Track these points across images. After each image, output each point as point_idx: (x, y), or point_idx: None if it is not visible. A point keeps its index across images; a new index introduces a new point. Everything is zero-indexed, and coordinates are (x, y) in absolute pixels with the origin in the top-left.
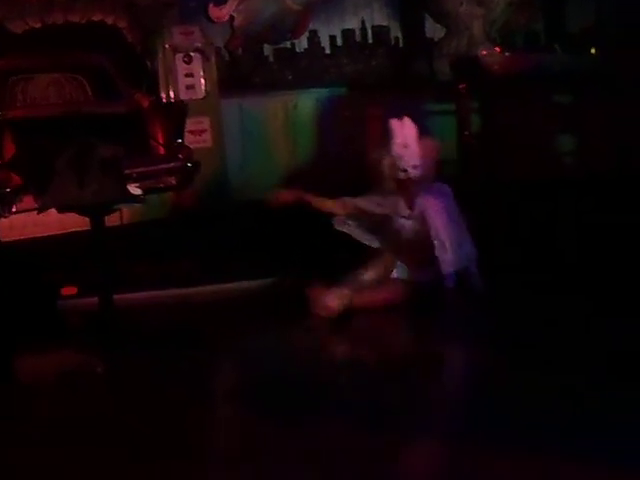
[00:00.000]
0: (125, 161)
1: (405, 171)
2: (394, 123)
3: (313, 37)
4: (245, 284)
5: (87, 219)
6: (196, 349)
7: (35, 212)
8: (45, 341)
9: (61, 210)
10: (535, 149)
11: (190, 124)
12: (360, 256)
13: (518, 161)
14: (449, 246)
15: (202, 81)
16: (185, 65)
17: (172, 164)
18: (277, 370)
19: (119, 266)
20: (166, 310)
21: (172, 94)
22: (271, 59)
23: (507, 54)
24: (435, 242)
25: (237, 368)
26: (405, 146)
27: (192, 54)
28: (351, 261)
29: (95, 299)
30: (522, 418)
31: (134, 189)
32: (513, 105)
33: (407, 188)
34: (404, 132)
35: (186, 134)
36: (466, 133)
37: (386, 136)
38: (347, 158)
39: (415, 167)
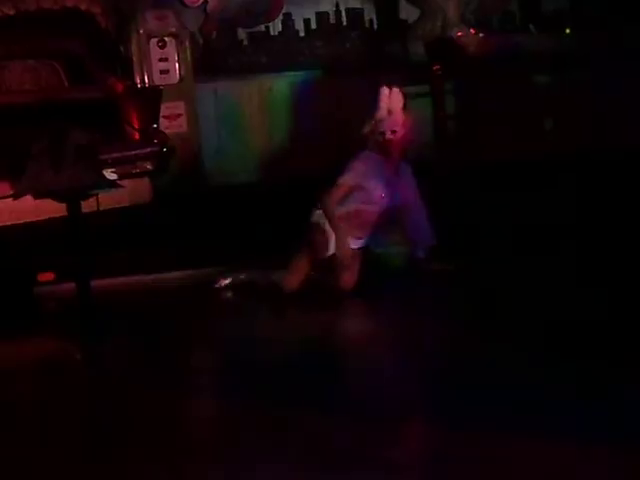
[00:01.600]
0: (100, 147)
1: (383, 134)
2: (384, 90)
3: (287, 20)
4: (221, 269)
5: (63, 205)
6: (173, 335)
7: (11, 199)
8: (21, 327)
9: (37, 196)
10: (511, 130)
11: (165, 109)
12: None
13: (494, 142)
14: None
15: (176, 66)
16: (159, 50)
17: (147, 149)
18: (254, 355)
19: (96, 252)
20: (143, 296)
21: (147, 79)
22: (245, 43)
23: (482, 35)
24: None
25: (214, 353)
26: (389, 112)
27: (166, 39)
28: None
29: (72, 285)
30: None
31: (110, 175)
32: (488, 86)
33: (387, 151)
34: (391, 99)
35: (161, 119)
36: (441, 114)
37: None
38: (322, 141)
39: (394, 133)
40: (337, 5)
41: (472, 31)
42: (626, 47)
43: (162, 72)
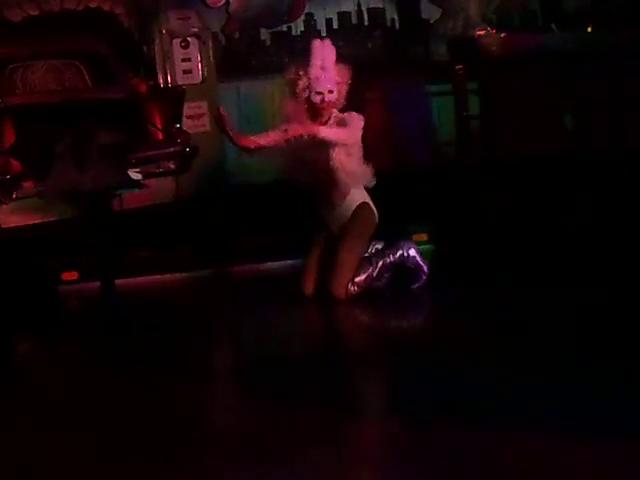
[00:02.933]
0: (124, 146)
1: (320, 94)
2: (315, 43)
3: (309, 20)
4: (246, 267)
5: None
6: (197, 334)
7: (36, 198)
8: (46, 326)
9: (62, 196)
10: (534, 128)
11: (188, 109)
12: None
13: (517, 141)
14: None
15: (199, 66)
16: (182, 50)
17: (171, 149)
18: (275, 353)
19: (120, 251)
20: (167, 295)
21: (170, 79)
22: (268, 43)
23: (503, 34)
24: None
25: (237, 352)
26: (323, 68)
27: (189, 39)
28: None
29: (96, 284)
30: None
31: (134, 174)
32: (510, 85)
33: (320, 112)
34: (323, 54)
35: (184, 119)
36: (464, 114)
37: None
38: None
39: (331, 92)
40: (359, 5)
41: (493, 30)
42: None
43: (185, 72)
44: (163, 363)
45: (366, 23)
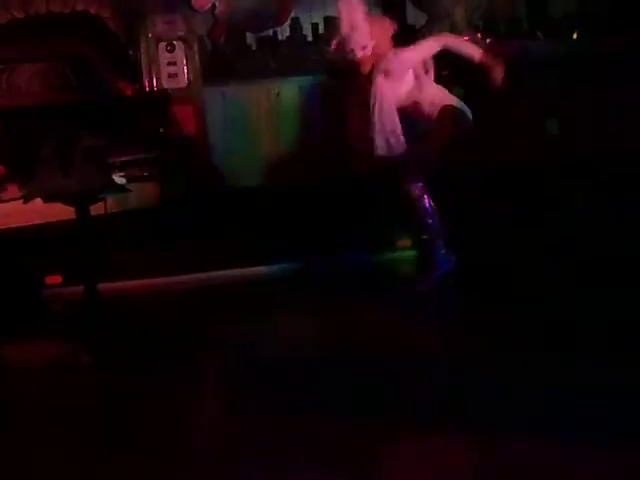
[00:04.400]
0: (109, 150)
1: (353, 51)
2: (340, 3)
3: (295, 25)
4: (230, 272)
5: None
6: (182, 338)
7: (20, 201)
8: (29, 329)
9: (46, 199)
10: (520, 135)
11: (173, 112)
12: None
13: (504, 147)
14: None
15: (185, 70)
16: (168, 54)
17: (156, 153)
18: (262, 360)
19: (104, 254)
20: (151, 299)
21: (155, 83)
22: (254, 47)
23: (489, 41)
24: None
25: (222, 358)
26: (352, 26)
27: (175, 43)
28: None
29: (80, 288)
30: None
31: (119, 178)
32: (497, 92)
33: (359, 70)
34: (349, 12)
35: (169, 122)
36: None
37: None
38: (330, 145)
39: (364, 48)
40: None
41: (479, 36)
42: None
43: (170, 76)
44: (147, 368)
45: None
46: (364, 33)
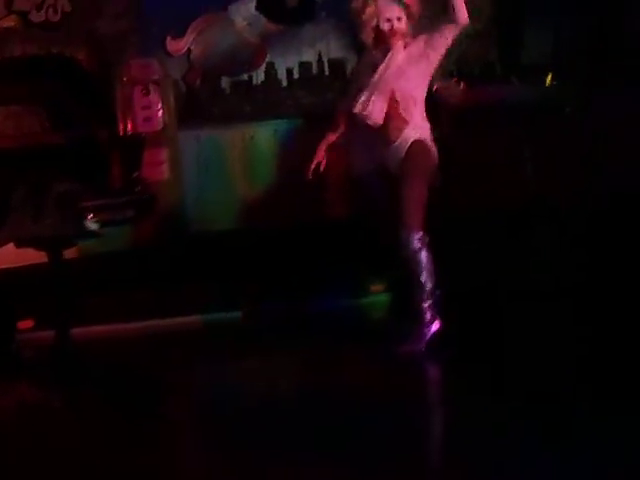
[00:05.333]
0: (82, 194)
1: (389, 21)
2: None
3: (270, 69)
4: (202, 317)
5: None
6: (153, 383)
7: None
8: (1, 375)
9: (18, 245)
10: (493, 180)
11: (147, 156)
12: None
13: (476, 192)
14: None
15: (160, 113)
16: (143, 97)
17: (129, 197)
18: (232, 404)
19: (77, 299)
20: (124, 343)
21: (130, 126)
22: (228, 91)
23: (463, 86)
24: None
25: (193, 402)
26: None
27: (150, 86)
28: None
29: (52, 332)
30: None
31: (91, 223)
32: (469, 137)
33: (388, 42)
34: None
35: (143, 166)
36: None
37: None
38: (303, 190)
39: (399, 19)
40: (320, 55)
41: (454, 81)
42: (607, 96)
43: (145, 119)
44: (119, 413)
45: (327, 73)
46: (399, 5)
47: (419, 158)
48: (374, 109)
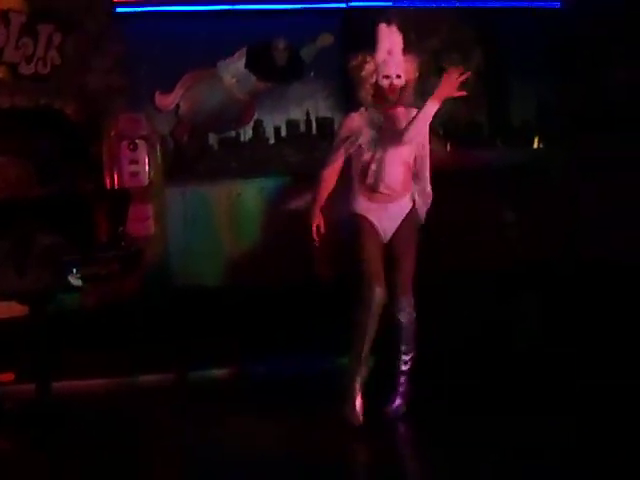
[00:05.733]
0: (66, 248)
1: (388, 78)
2: (382, 27)
3: (258, 127)
4: (186, 374)
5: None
6: (133, 439)
7: None
8: None
9: (1, 298)
10: (478, 241)
11: (133, 211)
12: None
13: (459, 255)
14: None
15: (146, 168)
16: (130, 152)
17: (114, 252)
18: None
19: (58, 354)
20: (106, 399)
21: (116, 180)
22: (216, 148)
23: (448, 149)
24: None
25: (174, 461)
26: (390, 53)
27: (137, 141)
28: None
29: (33, 386)
30: None
31: (74, 279)
32: (454, 198)
33: (387, 100)
34: (391, 38)
35: (129, 221)
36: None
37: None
38: (289, 248)
39: (399, 77)
40: (308, 114)
41: (440, 143)
42: (592, 159)
43: (132, 174)
44: (98, 468)
45: (314, 132)
46: (400, 63)
47: (415, 225)
48: (391, 178)
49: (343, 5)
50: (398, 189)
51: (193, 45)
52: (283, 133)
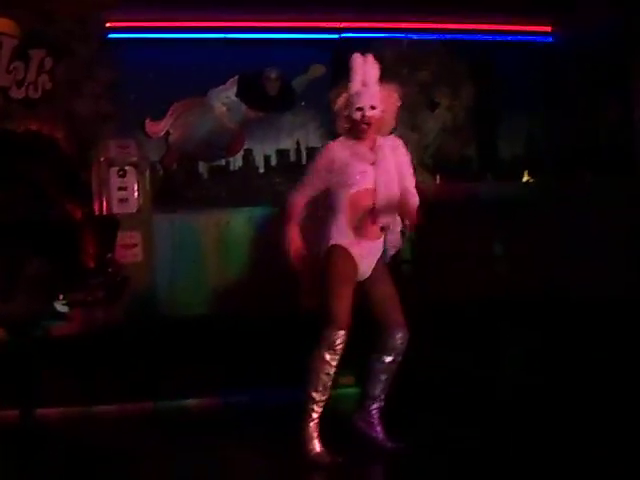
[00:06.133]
0: (53, 274)
1: (361, 110)
2: (356, 58)
3: (248, 156)
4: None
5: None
6: (113, 467)
7: None
8: None
9: None
10: (466, 275)
11: (121, 238)
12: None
13: (450, 286)
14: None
15: (135, 195)
16: (119, 179)
17: (101, 278)
18: None
19: (42, 381)
20: (87, 427)
21: (105, 207)
22: (205, 176)
23: (438, 182)
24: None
25: None
26: (364, 84)
27: (127, 168)
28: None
29: (16, 413)
30: None
31: (60, 307)
32: (444, 232)
33: (362, 132)
34: (365, 69)
35: (117, 248)
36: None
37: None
38: (278, 277)
39: (372, 108)
40: (298, 143)
41: (430, 176)
42: (581, 195)
43: (121, 201)
44: None
45: (304, 162)
46: (375, 94)
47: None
48: (385, 211)
49: (335, 36)
50: (390, 224)
51: (184, 73)
52: (273, 162)
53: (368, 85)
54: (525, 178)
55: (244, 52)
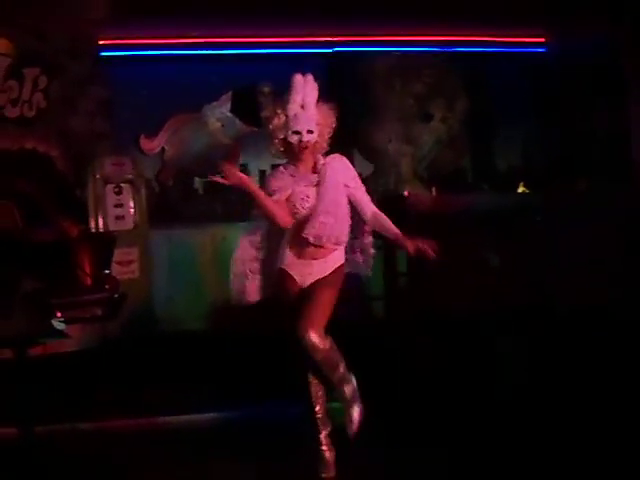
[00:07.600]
0: (50, 291)
1: (298, 134)
2: (297, 78)
3: (243, 171)
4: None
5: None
6: None
7: None
8: None
9: None
10: (463, 286)
11: (118, 254)
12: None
13: (447, 297)
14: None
15: (132, 212)
16: (115, 196)
17: (98, 295)
18: None
19: (42, 397)
20: (87, 443)
21: (101, 224)
22: (201, 192)
23: (433, 194)
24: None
25: None
26: (302, 106)
27: (122, 185)
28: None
29: (15, 430)
30: None
31: (57, 324)
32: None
33: (298, 155)
34: (305, 91)
35: (114, 264)
36: (392, 270)
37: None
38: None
39: (310, 132)
40: None
41: (425, 188)
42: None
43: (117, 218)
44: None
45: None
46: (312, 117)
47: (339, 277)
48: (325, 231)
49: (328, 50)
50: (328, 243)
51: (178, 89)
52: None
53: (306, 107)
54: (521, 189)
55: (238, 68)
